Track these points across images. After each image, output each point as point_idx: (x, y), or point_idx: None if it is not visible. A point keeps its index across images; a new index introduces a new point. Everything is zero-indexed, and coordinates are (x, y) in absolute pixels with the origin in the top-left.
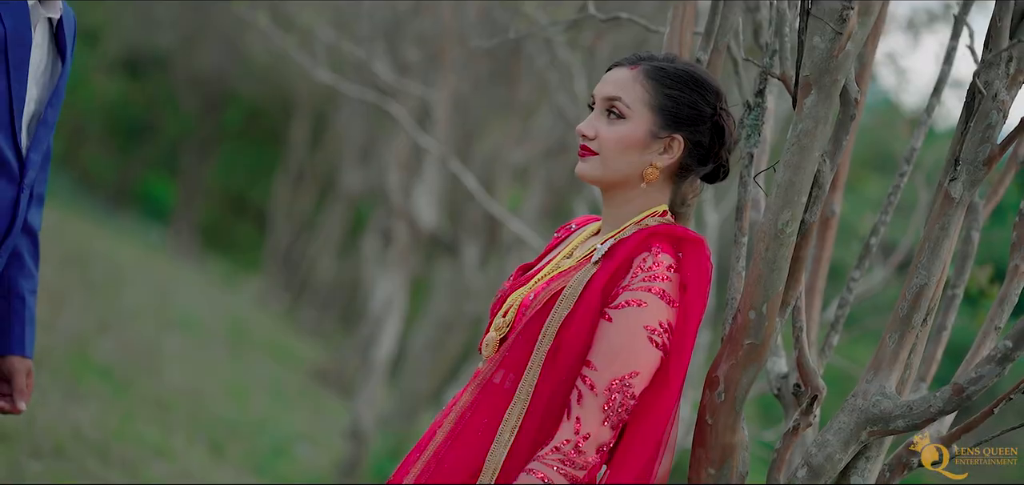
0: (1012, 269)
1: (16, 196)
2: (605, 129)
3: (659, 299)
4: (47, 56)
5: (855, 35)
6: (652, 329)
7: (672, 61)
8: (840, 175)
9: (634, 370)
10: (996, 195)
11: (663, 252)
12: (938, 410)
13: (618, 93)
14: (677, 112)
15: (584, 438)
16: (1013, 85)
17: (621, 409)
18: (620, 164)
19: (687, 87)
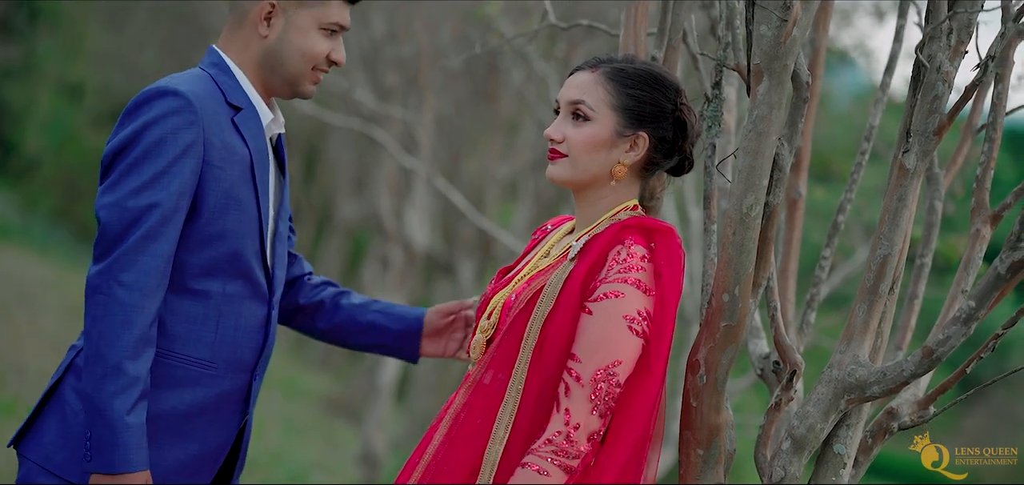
0: (974, 233)
1: (267, 314)
2: (572, 131)
3: (635, 289)
4: (274, 172)
5: (800, 21)
6: (631, 318)
7: (632, 62)
8: (802, 158)
9: (617, 359)
10: (955, 164)
11: (636, 243)
12: (911, 373)
13: (581, 96)
14: (639, 110)
15: (574, 428)
16: (956, 56)
17: (608, 397)
18: (588, 164)
19: (647, 86)
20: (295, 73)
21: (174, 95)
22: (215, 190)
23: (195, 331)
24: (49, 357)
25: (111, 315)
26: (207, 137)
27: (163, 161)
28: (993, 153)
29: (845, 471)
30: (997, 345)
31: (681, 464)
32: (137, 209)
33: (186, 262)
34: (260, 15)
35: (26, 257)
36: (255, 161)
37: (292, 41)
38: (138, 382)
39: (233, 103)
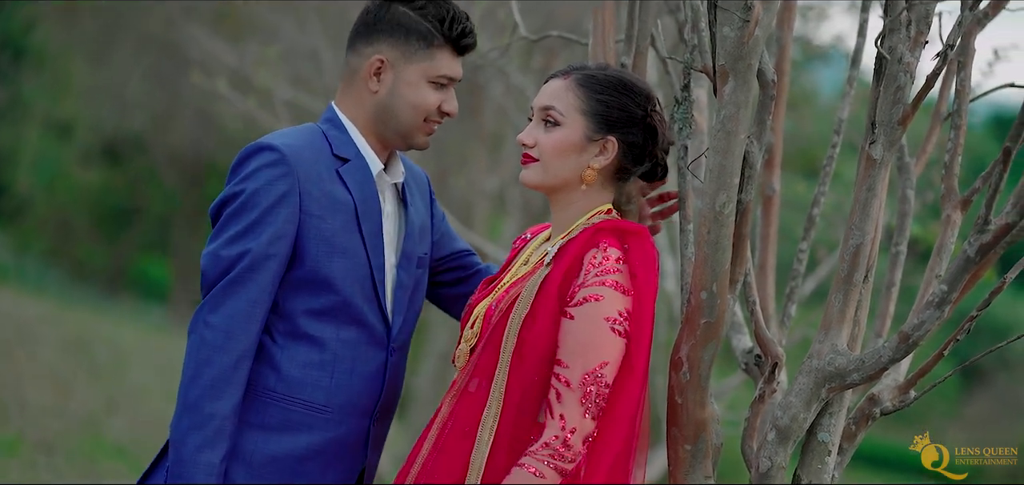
0: (945, 219)
1: (385, 359)
2: (542, 136)
3: (614, 290)
4: (398, 221)
5: (762, 21)
6: (613, 319)
7: (604, 69)
8: (775, 155)
9: (603, 360)
10: (925, 153)
11: (611, 246)
12: (888, 359)
13: (552, 102)
14: (608, 115)
15: (571, 432)
16: (916, 46)
17: (598, 399)
18: (559, 168)
19: (616, 91)
20: (407, 126)
21: (269, 149)
22: (316, 238)
23: (311, 376)
24: (50, 393)
25: (196, 354)
26: (304, 187)
27: (256, 212)
28: (959, 140)
29: (830, 459)
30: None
31: (670, 461)
32: (230, 257)
33: (296, 308)
34: (369, 71)
35: (22, 297)
36: (360, 210)
37: (402, 95)
38: (213, 420)
39: (339, 155)
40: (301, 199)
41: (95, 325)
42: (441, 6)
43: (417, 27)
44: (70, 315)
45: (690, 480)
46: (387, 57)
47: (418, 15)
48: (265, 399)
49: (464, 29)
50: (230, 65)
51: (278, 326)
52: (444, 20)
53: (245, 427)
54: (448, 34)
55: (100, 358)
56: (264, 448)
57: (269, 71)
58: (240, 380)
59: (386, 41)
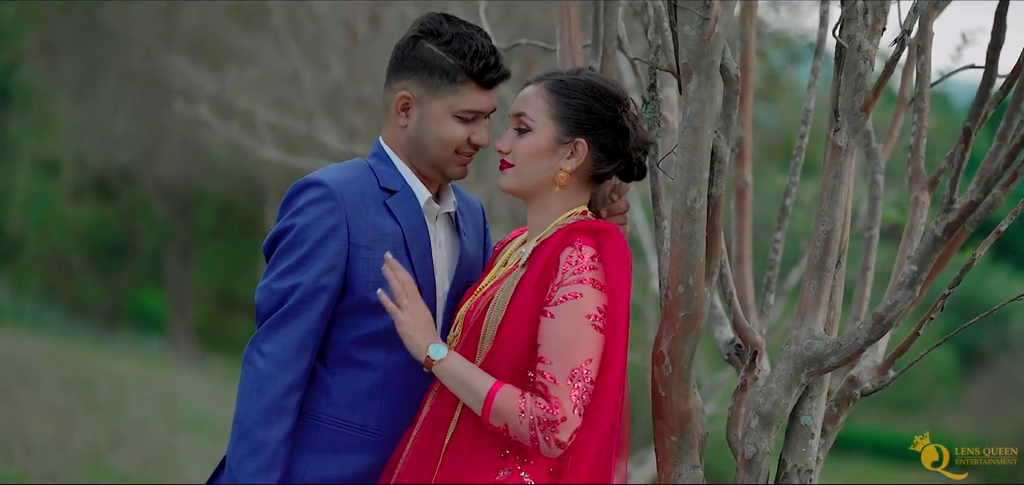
0: (913, 201)
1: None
2: (516, 142)
3: (592, 288)
4: (452, 250)
5: (721, 18)
6: (593, 316)
7: (576, 74)
8: (746, 149)
9: (588, 357)
10: (892, 138)
11: (585, 245)
12: (864, 340)
13: (523, 108)
14: (576, 119)
15: (562, 419)
16: (874, 34)
17: (585, 395)
18: (532, 172)
19: (584, 95)
20: (437, 158)
21: (317, 185)
22: (365, 269)
23: (362, 400)
24: (52, 430)
25: (249, 383)
26: (351, 220)
27: (306, 246)
28: (923, 123)
29: (814, 441)
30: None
31: (657, 453)
32: (282, 290)
33: (347, 335)
34: (398, 107)
35: (20, 336)
36: (408, 238)
37: (429, 130)
38: (267, 447)
39: (386, 187)
40: (349, 232)
41: (94, 360)
42: (466, 42)
43: (441, 64)
44: (69, 351)
45: (678, 470)
46: (413, 93)
47: (443, 51)
48: (317, 422)
49: (487, 64)
50: (211, 92)
51: (329, 352)
52: (466, 55)
53: (296, 448)
54: (471, 70)
55: (101, 392)
56: (315, 470)
57: (250, 95)
58: (292, 408)
59: (412, 77)
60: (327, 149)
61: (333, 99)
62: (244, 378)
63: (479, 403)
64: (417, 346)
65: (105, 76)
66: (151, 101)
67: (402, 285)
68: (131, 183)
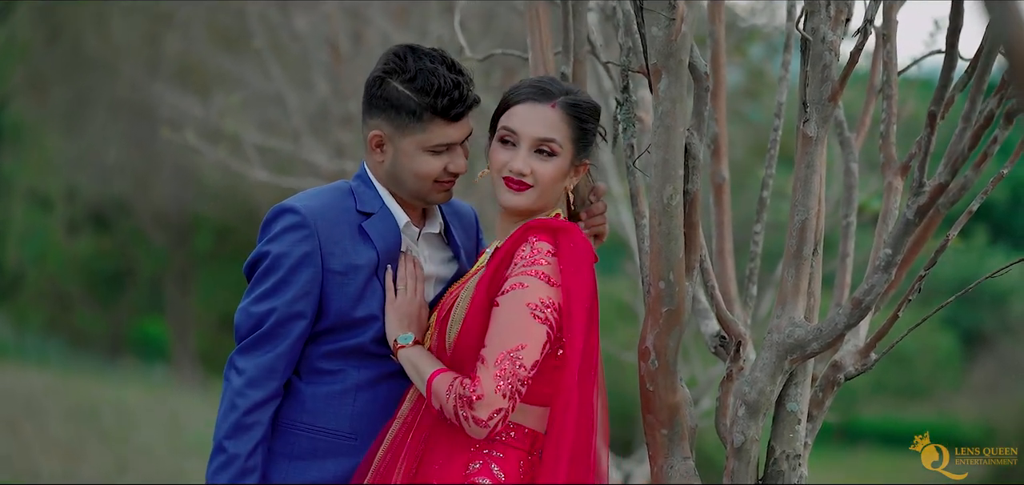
0: (887, 186)
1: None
2: (540, 166)
3: (538, 279)
4: (437, 265)
5: (687, 18)
6: (533, 305)
7: (578, 93)
8: (721, 145)
9: (521, 343)
10: (864, 126)
11: (541, 241)
12: (844, 325)
13: (552, 134)
14: (588, 142)
15: (478, 397)
16: (837, 25)
17: (513, 378)
18: (552, 193)
19: (593, 118)
20: (416, 190)
21: (291, 213)
22: (339, 291)
23: (334, 408)
24: (60, 462)
25: (224, 400)
26: (325, 248)
27: (281, 272)
28: (892, 110)
29: (800, 427)
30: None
31: (648, 446)
32: (258, 314)
33: (321, 350)
34: (372, 144)
35: (24, 371)
36: (382, 262)
37: (404, 165)
38: (237, 460)
39: (363, 210)
40: (323, 259)
41: (99, 390)
42: (429, 78)
43: (407, 103)
44: (73, 383)
45: (669, 462)
46: (384, 131)
47: (407, 89)
48: (294, 431)
49: (451, 99)
50: (198, 118)
51: (303, 365)
52: (429, 92)
53: (275, 457)
54: (435, 107)
55: (107, 422)
56: (294, 476)
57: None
58: (261, 422)
59: (381, 116)
60: (317, 168)
61: (319, 118)
62: (222, 394)
63: (423, 386)
64: (391, 331)
65: (94, 107)
66: (141, 130)
67: (408, 274)
68: (126, 213)
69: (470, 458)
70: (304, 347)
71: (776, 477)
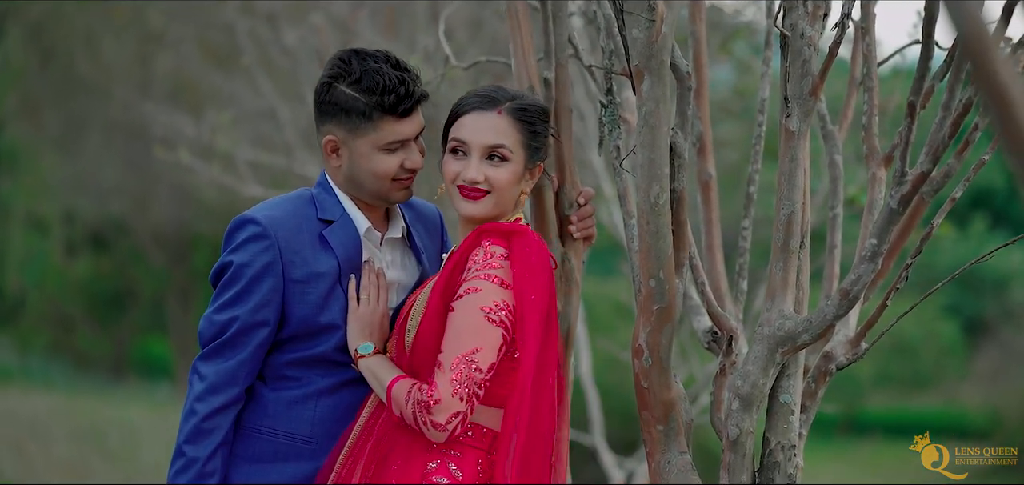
0: (871, 177)
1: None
2: (493, 172)
3: (491, 283)
4: (399, 270)
5: (667, 18)
6: (488, 308)
7: (524, 97)
8: (706, 143)
9: (476, 346)
10: (846, 118)
11: (494, 244)
12: (833, 315)
13: (501, 140)
14: (540, 145)
15: (435, 402)
16: (815, 20)
17: (470, 382)
18: (507, 199)
19: (543, 122)
20: (376, 190)
21: (253, 223)
22: (301, 300)
23: (295, 413)
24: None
25: (185, 405)
26: (286, 257)
27: (242, 282)
28: (874, 101)
29: (794, 418)
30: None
31: (645, 443)
32: (221, 322)
33: (284, 358)
34: (327, 150)
35: (30, 395)
36: (343, 270)
37: (361, 167)
38: (195, 463)
39: (323, 218)
40: (284, 268)
41: (104, 411)
42: (374, 78)
43: (355, 105)
44: (79, 404)
45: (667, 458)
46: (337, 136)
47: (355, 91)
48: (255, 434)
49: (398, 95)
50: (191, 136)
51: (266, 371)
52: (376, 91)
53: (236, 460)
54: (383, 105)
55: (112, 442)
56: (254, 478)
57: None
58: (221, 425)
59: (332, 121)
60: (310, 181)
61: (311, 132)
62: (185, 400)
63: (383, 393)
64: (351, 340)
65: (88, 130)
66: (135, 150)
67: (371, 283)
68: (124, 233)
69: (428, 458)
70: (268, 355)
71: (772, 468)
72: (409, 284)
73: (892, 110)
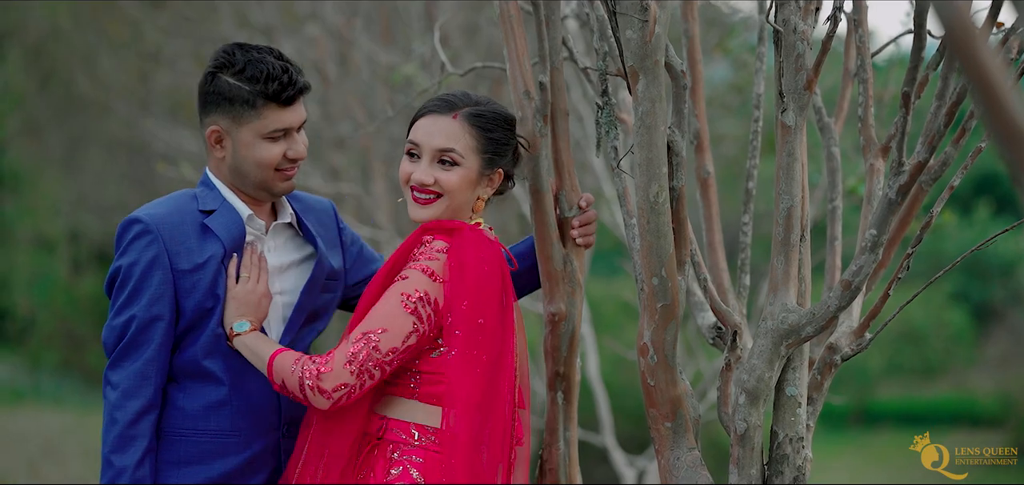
0: (869, 168)
1: None
2: (443, 175)
3: (421, 273)
4: (291, 254)
5: (660, 19)
6: (407, 295)
7: (483, 103)
8: (704, 140)
9: (382, 328)
10: (842, 111)
11: (437, 239)
12: (836, 307)
13: (451, 145)
14: (498, 151)
15: (327, 369)
16: (807, 15)
17: (365, 358)
18: (460, 201)
19: (501, 128)
20: (260, 180)
21: (136, 223)
22: (192, 289)
23: (213, 409)
24: None
25: (105, 415)
26: (171, 249)
27: (133, 281)
28: (869, 93)
29: (801, 410)
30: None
31: (654, 440)
32: (120, 325)
33: (189, 352)
34: (211, 141)
35: (42, 413)
36: (228, 253)
37: (244, 156)
38: (124, 472)
39: (204, 209)
40: (170, 259)
41: None
42: (258, 66)
43: (239, 93)
44: (91, 421)
45: (676, 454)
46: (221, 126)
47: (238, 80)
48: (178, 437)
49: (282, 83)
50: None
51: (176, 372)
52: (260, 79)
53: (164, 466)
54: (267, 92)
55: None
56: (183, 480)
57: None
58: (144, 432)
59: (217, 111)
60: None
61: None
62: (104, 411)
63: (264, 367)
64: (228, 317)
65: (90, 148)
66: (137, 167)
67: (252, 263)
68: None
69: (390, 465)
70: (175, 355)
71: (781, 461)
72: (303, 268)
73: (888, 100)
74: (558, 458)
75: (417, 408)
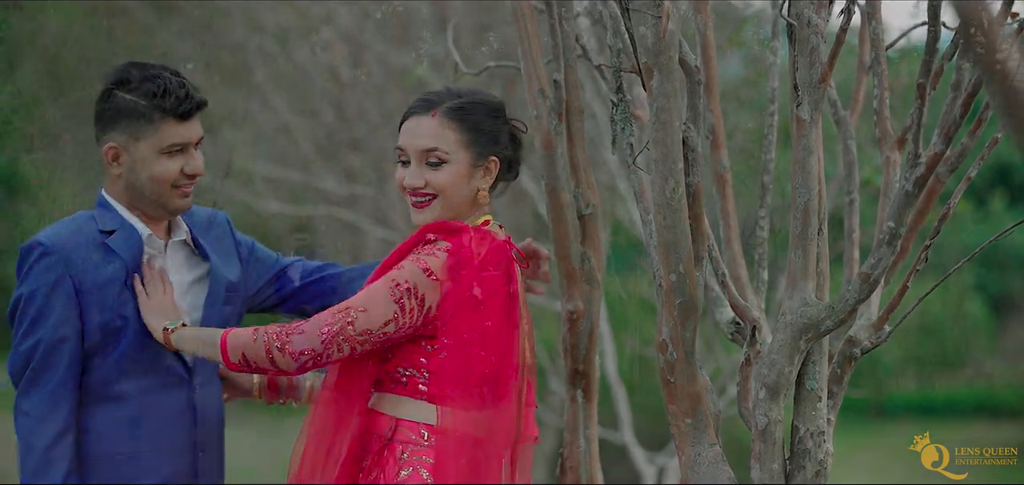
0: (885, 161)
1: (188, 397)
2: (433, 176)
3: (417, 266)
4: (190, 271)
5: (673, 14)
6: (396, 283)
7: (464, 95)
8: (719, 136)
9: (363, 307)
10: (858, 104)
11: (441, 239)
12: (854, 299)
13: (433, 144)
14: (485, 140)
15: (300, 331)
16: (821, 8)
17: (339, 332)
18: (457, 200)
19: (485, 116)
20: (157, 196)
21: (37, 246)
22: (97, 307)
23: (123, 430)
24: None
25: (19, 443)
26: (74, 270)
27: (36, 304)
28: (884, 86)
29: (822, 404)
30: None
31: (675, 437)
32: (26, 350)
33: (98, 374)
34: (108, 159)
35: None
36: (130, 269)
37: (141, 173)
38: None
39: (104, 229)
40: (73, 281)
41: None
42: (154, 82)
43: (136, 108)
44: None
45: (697, 451)
46: (119, 143)
47: (135, 97)
48: (96, 463)
49: (178, 98)
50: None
51: (86, 396)
52: (156, 94)
53: None
54: (164, 107)
55: None
56: None
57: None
58: (63, 454)
59: (114, 128)
60: (329, 195)
61: (327, 145)
62: (17, 438)
63: (216, 349)
64: (155, 327)
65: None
66: None
67: (155, 277)
68: None
69: (400, 466)
70: (84, 378)
71: (803, 455)
72: (199, 285)
73: (902, 90)
74: (579, 456)
75: (426, 409)
